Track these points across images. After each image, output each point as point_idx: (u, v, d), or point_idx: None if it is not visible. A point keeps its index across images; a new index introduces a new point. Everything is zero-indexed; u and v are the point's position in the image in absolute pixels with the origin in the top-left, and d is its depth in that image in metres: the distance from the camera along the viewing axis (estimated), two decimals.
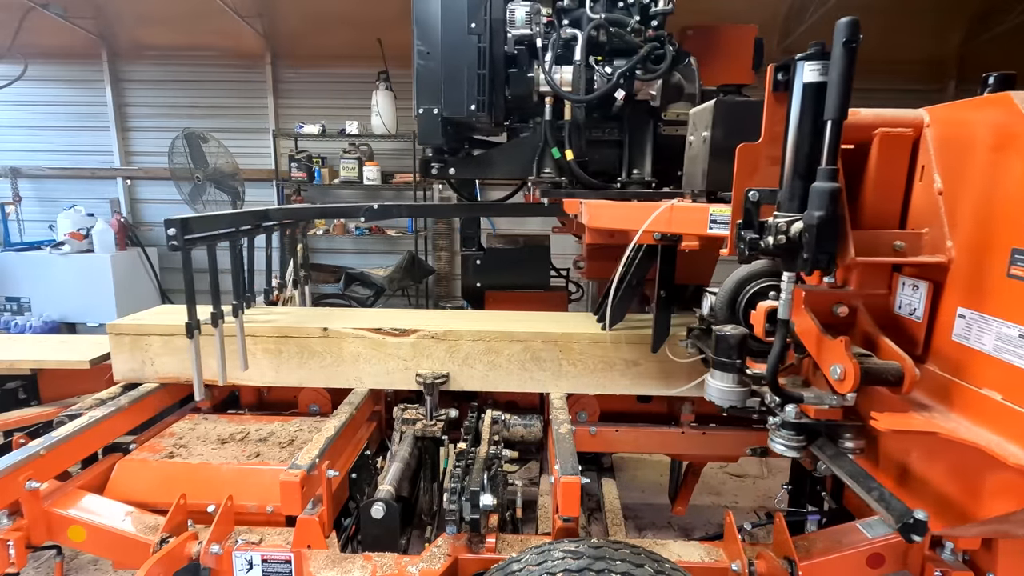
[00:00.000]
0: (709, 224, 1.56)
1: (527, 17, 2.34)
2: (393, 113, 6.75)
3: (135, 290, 6.83)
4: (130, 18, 7.05)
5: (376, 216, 2.69)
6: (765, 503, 3.83)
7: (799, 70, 1.20)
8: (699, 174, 1.75)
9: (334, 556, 1.82)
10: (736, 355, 1.43)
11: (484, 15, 2.35)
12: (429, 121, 2.45)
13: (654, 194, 2.38)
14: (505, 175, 2.76)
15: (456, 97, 2.40)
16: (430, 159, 2.65)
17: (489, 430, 2.33)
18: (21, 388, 2.81)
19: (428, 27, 2.36)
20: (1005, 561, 1.63)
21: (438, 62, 2.39)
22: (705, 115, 1.72)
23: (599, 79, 2.32)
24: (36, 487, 1.85)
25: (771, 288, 1.54)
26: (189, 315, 2.12)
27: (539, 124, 2.50)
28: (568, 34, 2.31)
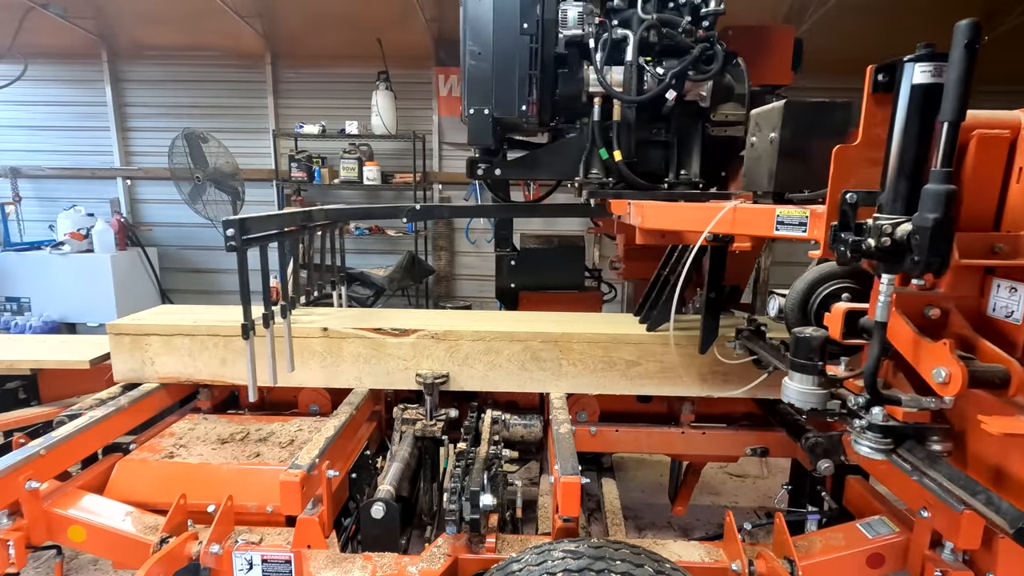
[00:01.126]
0: (776, 225, 1.55)
1: (579, 17, 2.34)
2: (393, 113, 6.75)
3: (135, 290, 6.83)
4: (130, 18, 7.05)
5: (418, 216, 2.69)
6: (765, 503, 3.83)
7: (907, 72, 1.19)
8: (764, 175, 1.74)
9: (334, 556, 1.82)
10: (818, 357, 1.43)
11: (536, 15, 2.35)
12: (480, 121, 2.44)
13: (702, 195, 2.39)
14: (551, 176, 2.75)
15: (507, 97, 2.40)
16: (477, 160, 2.64)
17: (489, 430, 2.33)
18: (21, 388, 2.81)
19: (480, 28, 2.36)
20: (1005, 561, 1.63)
21: (489, 62, 2.39)
22: (773, 116, 1.71)
23: (649, 79, 2.32)
24: (36, 487, 1.85)
25: (844, 290, 1.54)
26: (245, 316, 2.10)
27: (586, 125, 2.49)
28: (619, 34, 2.30)
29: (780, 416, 2.42)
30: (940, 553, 1.70)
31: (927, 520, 1.71)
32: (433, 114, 7.30)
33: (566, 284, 3.59)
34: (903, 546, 1.80)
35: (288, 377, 2.54)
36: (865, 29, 6.05)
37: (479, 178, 2.70)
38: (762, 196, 1.79)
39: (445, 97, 7.21)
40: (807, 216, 1.48)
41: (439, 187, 7.51)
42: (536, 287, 3.54)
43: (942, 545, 1.71)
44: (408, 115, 7.14)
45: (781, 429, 2.42)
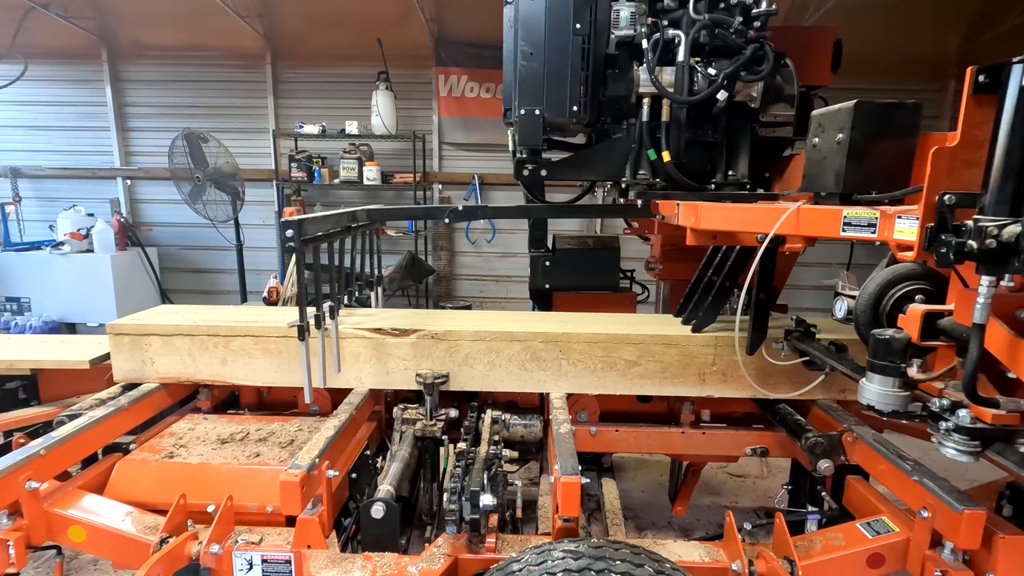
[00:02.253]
0: (842, 227, 1.55)
1: (631, 18, 2.34)
2: (393, 113, 6.75)
3: (135, 290, 6.83)
4: (130, 18, 7.05)
5: (460, 217, 2.69)
6: (765, 503, 3.83)
7: (1016, 73, 1.18)
8: (830, 176, 1.73)
9: (334, 556, 1.82)
10: (900, 359, 1.42)
11: (589, 16, 2.35)
12: (531, 122, 2.43)
13: (750, 196, 2.39)
14: (598, 177, 2.74)
15: (558, 98, 2.40)
16: (524, 160, 2.63)
17: (489, 430, 2.33)
18: (21, 388, 2.81)
19: (532, 28, 2.36)
20: (1005, 561, 1.63)
21: (541, 63, 2.38)
22: (840, 117, 1.70)
23: (700, 80, 2.32)
24: (36, 487, 1.85)
25: (917, 292, 1.54)
26: (301, 316, 2.10)
27: (633, 125, 2.48)
28: (671, 35, 2.30)
29: (780, 416, 2.42)
30: (940, 553, 1.70)
31: (927, 520, 1.71)
32: (433, 114, 7.31)
33: (601, 285, 3.59)
34: (903, 546, 1.80)
35: (288, 378, 2.54)
36: (864, 29, 6.06)
37: (526, 179, 2.69)
38: (826, 197, 1.77)
39: (445, 97, 7.22)
40: (876, 217, 1.49)
41: (439, 187, 7.51)
42: (570, 288, 3.53)
43: (942, 545, 1.71)
44: (408, 115, 7.14)
45: (781, 429, 2.43)
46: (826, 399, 2.44)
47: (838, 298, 1.77)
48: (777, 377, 2.40)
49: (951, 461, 1.47)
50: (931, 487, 1.74)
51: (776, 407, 2.47)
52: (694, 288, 2.63)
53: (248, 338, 2.51)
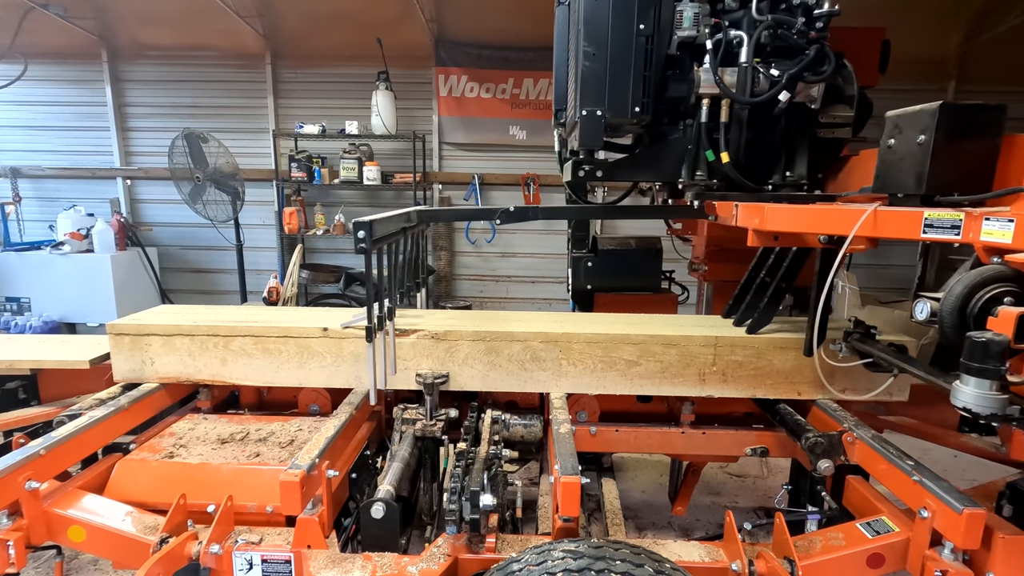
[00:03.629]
0: (923, 228, 1.56)
1: (695, 18, 2.34)
2: (393, 113, 6.75)
3: (135, 290, 6.83)
4: (130, 18, 7.05)
5: (512, 218, 2.67)
6: (765, 503, 3.83)
7: None
8: (909, 177, 1.73)
9: (334, 556, 1.82)
10: (998, 361, 1.41)
11: (653, 16, 2.35)
12: (592, 123, 2.42)
13: (808, 197, 2.39)
14: (653, 178, 2.72)
15: (620, 99, 2.39)
16: (582, 161, 2.63)
17: (489, 430, 2.33)
18: (21, 388, 2.81)
19: (596, 28, 2.35)
20: (1005, 561, 1.63)
21: (604, 64, 2.37)
22: (922, 118, 1.69)
23: (761, 81, 2.31)
24: (36, 487, 1.85)
25: (1007, 294, 1.54)
26: (369, 318, 2.11)
27: (689, 126, 2.48)
28: (734, 36, 2.30)
29: (780, 416, 2.43)
30: (940, 553, 1.70)
31: (927, 520, 1.71)
32: (433, 114, 7.31)
33: (643, 286, 3.58)
34: (903, 546, 1.80)
35: (288, 377, 2.54)
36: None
37: (583, 180, 2.68)
38: (904, 199, 1.76)
39: (445, 97, 7.22)
40: (961, 219, 1.49)
41: (439, 187, 7.52)
42: (612, 289, 3.53)
43: (942, 545, 1.71)
44: (408, 115, 7.15)
45: (781, 429, 2.43)
46: (826, 399, 2.44)
47: (919, 300, 1.76)
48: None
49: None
50: (931, 487, 1.74)
51: (776, 407, 2.48)
52: (744, 289, 2.63)
53: (248, 338, 2.51)
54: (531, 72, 7.11)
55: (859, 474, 2.20)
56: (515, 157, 7.43)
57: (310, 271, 6.78)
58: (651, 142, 2.64)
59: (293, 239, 7.22)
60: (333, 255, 7.70)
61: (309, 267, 6.99)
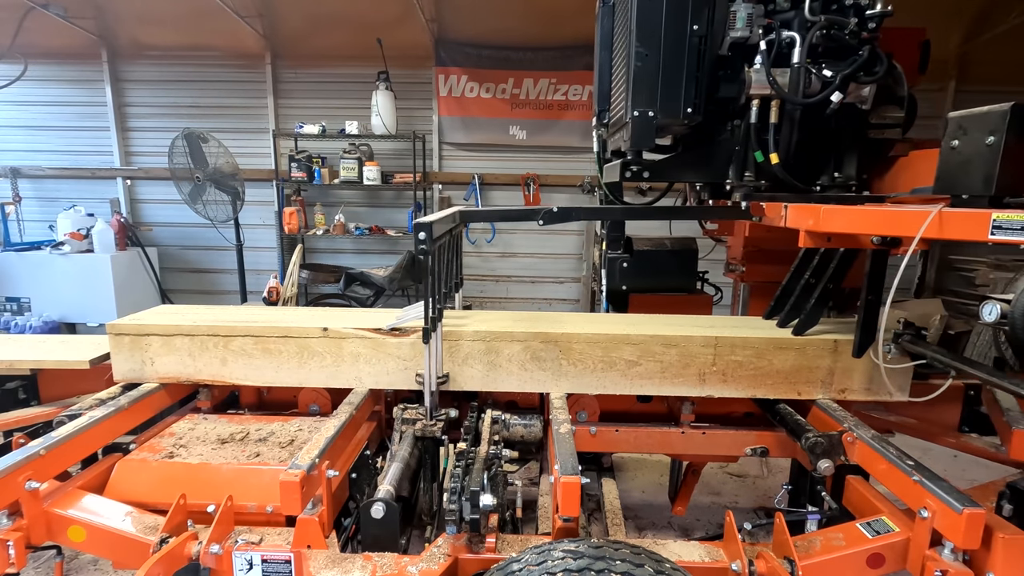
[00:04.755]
0: (991, 230, 1.54)
1: (748, 19, 2.33)
2: (393, 113, 6.76)
3: (135, 290, 6.84)
4: (130, 18, 7.06)
5: (555, 219, 2.66)
6: (765, 503, 3.83)
7: None
8: (976, 179, 1.72)
9: (334, 556, 1.82)
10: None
11: (707, 17, 2.34)
12: (644, 124, 2.41)
13: (856, 198, 2.39)
14: (700, 178, 2.71)
15: (673, 100, 2.38)
16: (630, 162, 2.63)
17: (489, 430, 2.33)
18: (21, 388, 2.81)
19: (649, 29, 2.34)
20: (1005, 561, 1.63)
21: (656, 65, 2.36)
22: (993, 120, 1.68)
23: (813, 82, 2.30)
24: (36, 487, 1.85)
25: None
26: (425, 319, 2.12)
27: (737, 127, 2.48)
28: (787, 36, 2.29)
29: (780, 416, 2.43)
30: (940, 553, 1.70)
31: (927, 520, 1.71)
32: (433, 114, 7.31)
33: (678, 287, 3.58)
34: (903, 546, 1.80)
35: (288, 377, 2.54)
36: None
37: (630, 180, 2.67)
38: (969, 200, 1.75)
39: (445, 97, 7.22)
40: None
41: (439, 187, 7.52)
42: (648, 289, 3.52)
43: (942, 545, 1.71)
44: (408, 115, 7.15)
45: (781, 429, 2.43)
46: (826, 399, 2.44)
47: (988, 302, 1.75)
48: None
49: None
50: (931, 487, 1.74)
51: (776, 407, 2.48)
52: (787, 291, 2.62)
53: (248, 338, 2.51)
54: (531, 72, 7.12)
55: (859, 474, 2.20)
56: (515, 157, 7.43)
57: (310, 271, 6.78)
58: (697, 143, 2.63)
59: (293, 239, 7.23)
60: (333, 255, 7.71)
61: (309, 267, 6.99)
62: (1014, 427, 2.37)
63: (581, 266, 7.67)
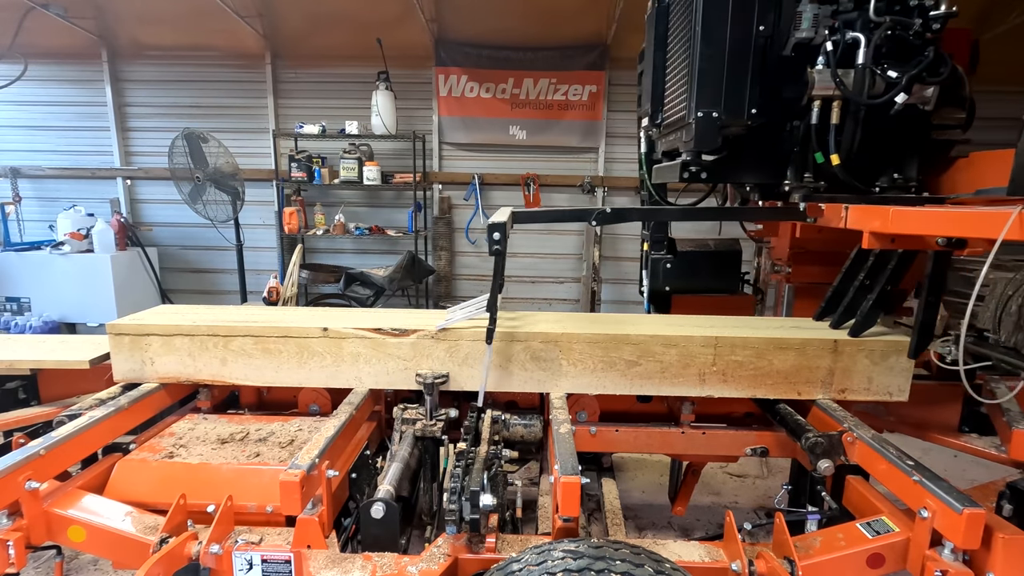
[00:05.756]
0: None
1: (814, 19, 2.32)
2: (393, 113, 6.76)
3: (135, 290, 6.84)
4: (130, 18, 7.05)
5: (608, 219, 2.65)
6: (765, 503, 3.83)
7: None
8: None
9: (334, 556, 1.82)
10: None
11: (773, 17, 2.34)
12: (708, 125, 2.40)
13: (916, 199, 2.39)
14: (757, 179, 2.70)
15: (737, 101, 2.37)
16: (689, 163, 2.62)
17: (489, 430, 2.33)
18: (21, 388, 2.81)
19: (715, 29, 2.34)
20: (1005, 561, 1.63)
21: (721, 65, 2.36)
22: None
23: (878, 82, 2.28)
24: (36, 487, 1.85)
25: None
26: (491, 320, 2.13)
27: (796, 127, 2.47)
28: (852, 37, 2.27)
29: (780, 416, 2.43)
30: (940, 553, 1.70)
31: (927, 520, 1.71)
32: (433, 114, 7.31)
33: (721, 288, 3.57)
34: (903, 546, 1.80)
35: (288, 377, 2.54)
36: None
37: (687, 181, 2.67)
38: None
39: (445, 97, 7.22)
40: None
41: (439, 187, 7.52)
42: (690, 290, 3.52)
43: (942, 545, 1.71)
44: (408, 115, 7.15)
45: (781, 429, 2.43)
46: (826, 399, 2.44)
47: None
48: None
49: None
50: (931, 487, 1.74)
51: (776, 407, 2.48)
52: (838, 292, 2.62)
53: (248, 338, 2.51)
54: (531, 72, 7.12)
55: (859, 474, 2.20)
56: (515, 157, 7.43)
57: (310, 271, 6.78)
58: (751, 144, 2.61)
59: (293, 239, 7.23)
60: (333, 255, 7.71)
61: (309, 267, 7.00)
62: (1014, 427, 2.37)
63: (581, 266, 7.67)
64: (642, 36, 3.09)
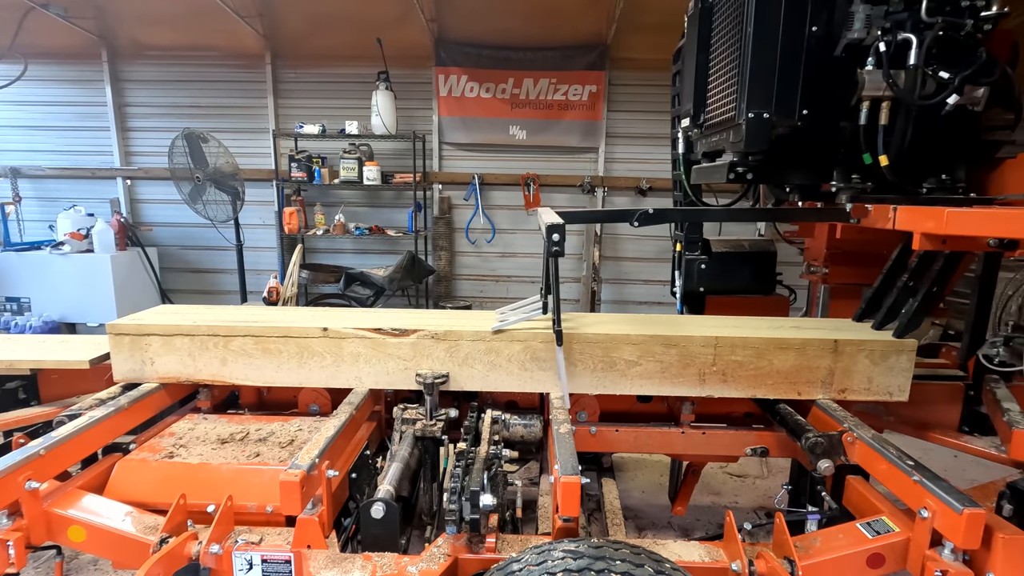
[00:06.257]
0: None
1: (866, 20, 2.31)
2: (393, 113, 6.75)
3: (135, 290, 6.83)
4: (130, 18, 7.05)
5: (650, 220, 2.65)
6: (765, 503, 3.83)
7: None
8: None
9: (334, 556, 1.82)
10: None
11: (826, 18, 2.33)
12: (759, 125, 2.39)
13: (965, 199, 2.39)
14: (803, 180, 2.70)
15: (788, 101, 2.37)
16: (737, 163, 2.62)
17: (489, 430, 2.33)
18: (21, 388, 2.81)
19: (767, 30, 2.33)
20: (1005, 561, 1.63)
21: (773, 66, 2.35)
22: None
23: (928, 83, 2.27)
24: (36, 487, 1.85)
25: None
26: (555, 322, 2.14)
27: (844, 128, 2.46)
28: (903, 38, 2.26)
29: (780, 416, 2.43)
30: (940, 553, 1.70)
31: (927, 520, 1.71)
32: (433, 114, 7.31)
33: (756, 289, 3.57)
34: (903, 546, 1.80)
35: (288, 377, 2.54)
36: None
37: (734, 181, 2.66)
38: None
39: (445, 97, 7.22)
40: None
41: (439, 187, 7.52)
42: (725, 291, 3.51)
43: (942, 545, 1.71)
44: (408, 115, 7.15)
45: (781, 429, 2.43)
46: (826, 399, 2.44)
47: None
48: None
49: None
50: (931, 487, 1.74)
51: (776, 407, 2.48)
52: (879, 293, 2.61)
53: (248, 338, 2.51)
54: (531, 72, 7.11)
55: (859, 474, 2.20)
56: (515, 157, 7.43)
57: (310, 271, 6.79)
58: (800, 144, 2.60)
59: (293, 239, 7.22)
60: (333, 255, 7.70)
61: (309, 267, 7.00)
62: (1014, 427, 2.37)
63: (581, 266, 7.67)
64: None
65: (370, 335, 2.50)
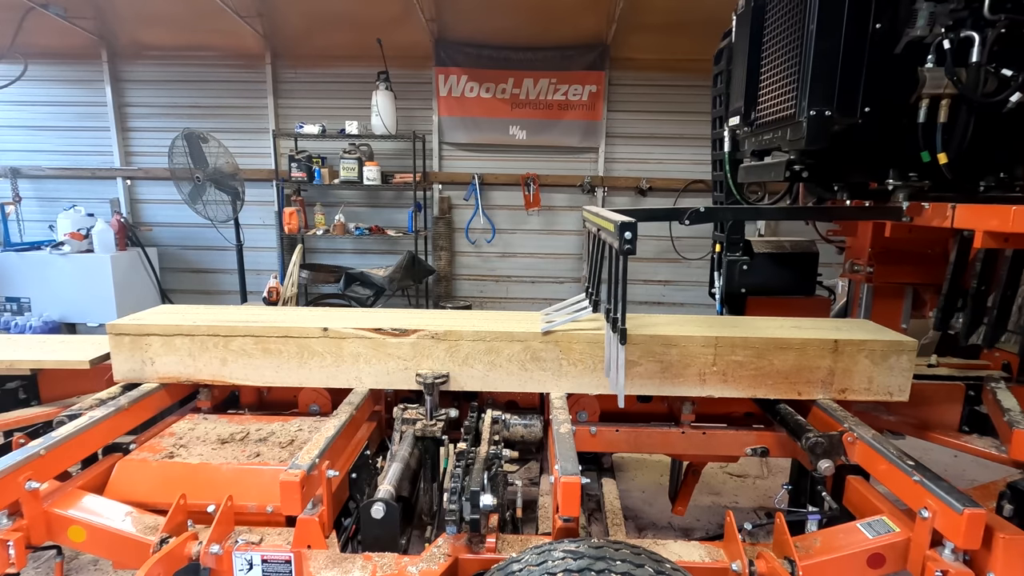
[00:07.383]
0: None
1: (930, 18, 2.29)
2: (393, 113, 6.75)
3: (135, 290, 6.84)
4: (130, 18, 7.06)
5: (702, 219, 2.64)
6: (765, 503, 3.83)
7: None
8: None
9: (334, 556, 1.82)
10: None
11: (890, 14, 2.32)
12: (821, 123, 2.37)
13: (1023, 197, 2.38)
14: (861, 178, 2.70)
15: (850, 99, 2.35)
16: (794, 161, 2.60)
17: (489, 430, 2.33)
18: (21, 388, 2.81)
19: (830, 27, 2.31)
20: (1005, 561, 1.63)
21: (835, 63, 2.33)
22: None
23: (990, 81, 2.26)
24: (36, 487, 1.85)
25: None
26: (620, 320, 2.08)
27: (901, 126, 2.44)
28: (966, 35, 2.25)
29: (780, 416, 2.43)
30: (940, 553, 1.70)
31: (927, 520, 1.71)
32: (433, 114, 7.31)
33: (797, 290, 3.56)
34: (903, 546, 1.80)
35: (288, 377, 2.54)
36: None
37: (792, 180, 2.64)
38: None
39: (445, 97, 7.22)
40: None
41: (439, 187, 7.52)
42: (766, 292, 3.51)
43: (942, 545, 1.71)
44: (408, 115, 7.15)
45: (781, 429, 2.43)
46: (826, 399, 2.44)
47: None
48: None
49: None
50: (931, 487, 1.74)
51: (776, 407, 2.48)
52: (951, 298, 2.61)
53: (248, 338, 2.51)
54: (531, 72, 7.12)
55: (859, 474, 2.20)
56: (515, 157, 7.44)
57: (310, 271, 6.79)
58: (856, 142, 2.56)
59: (293, 239, 7.23)
60: (333, 255, 7.71)
61: (309, 267, 7.00)
62: (1014, 427, 2.37)
63: (581, 266, 7.67)
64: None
65: (370, 335, 2.50)
